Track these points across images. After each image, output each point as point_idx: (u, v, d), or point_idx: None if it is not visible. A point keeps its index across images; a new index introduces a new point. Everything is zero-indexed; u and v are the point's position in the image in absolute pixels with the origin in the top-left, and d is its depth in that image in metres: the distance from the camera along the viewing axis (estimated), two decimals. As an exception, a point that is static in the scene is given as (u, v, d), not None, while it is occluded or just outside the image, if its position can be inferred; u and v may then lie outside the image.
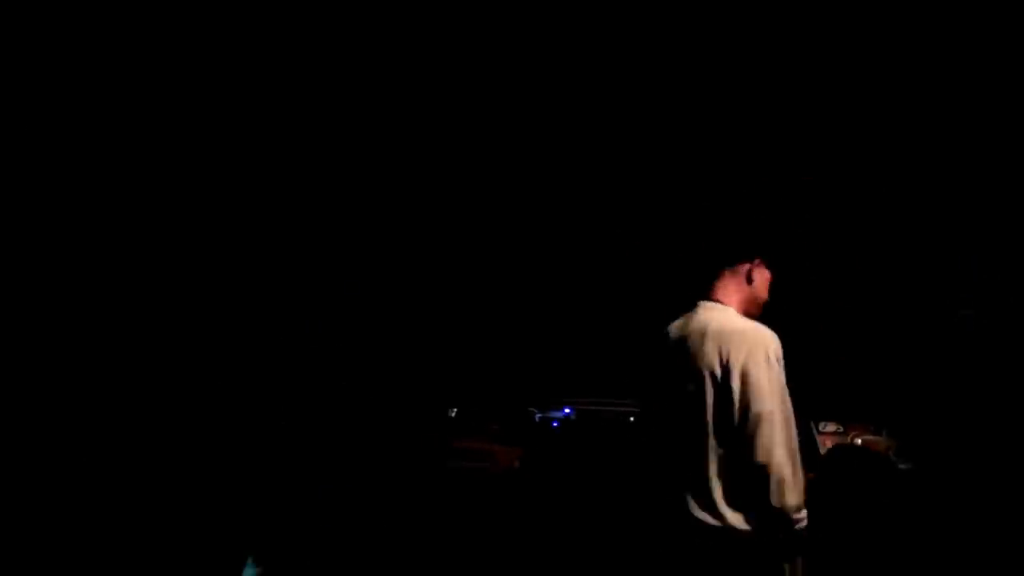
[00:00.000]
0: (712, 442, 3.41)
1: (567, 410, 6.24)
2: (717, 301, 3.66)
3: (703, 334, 3.46)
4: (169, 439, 6.06)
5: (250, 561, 4.69)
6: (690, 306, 3.56)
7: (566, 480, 5.69)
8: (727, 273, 3.69)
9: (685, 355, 3.48)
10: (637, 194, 6.39)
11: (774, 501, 3.36)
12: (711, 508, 3.37)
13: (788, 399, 3.46)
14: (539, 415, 6.22)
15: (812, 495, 3.50)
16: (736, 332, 3.49)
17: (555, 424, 6.15)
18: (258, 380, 6.30)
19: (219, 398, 6.24)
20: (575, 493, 5.56)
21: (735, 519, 3.36)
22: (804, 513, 3.39)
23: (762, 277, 3.82)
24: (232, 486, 5.86)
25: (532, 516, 5.71)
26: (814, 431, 5.45)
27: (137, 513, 5.62)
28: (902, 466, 5.78)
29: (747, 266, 3.77)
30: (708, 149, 6.29)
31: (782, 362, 3.52)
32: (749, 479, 3.34)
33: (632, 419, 6.05)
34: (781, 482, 3.41)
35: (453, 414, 6.23)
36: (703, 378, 3.40)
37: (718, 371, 3.39)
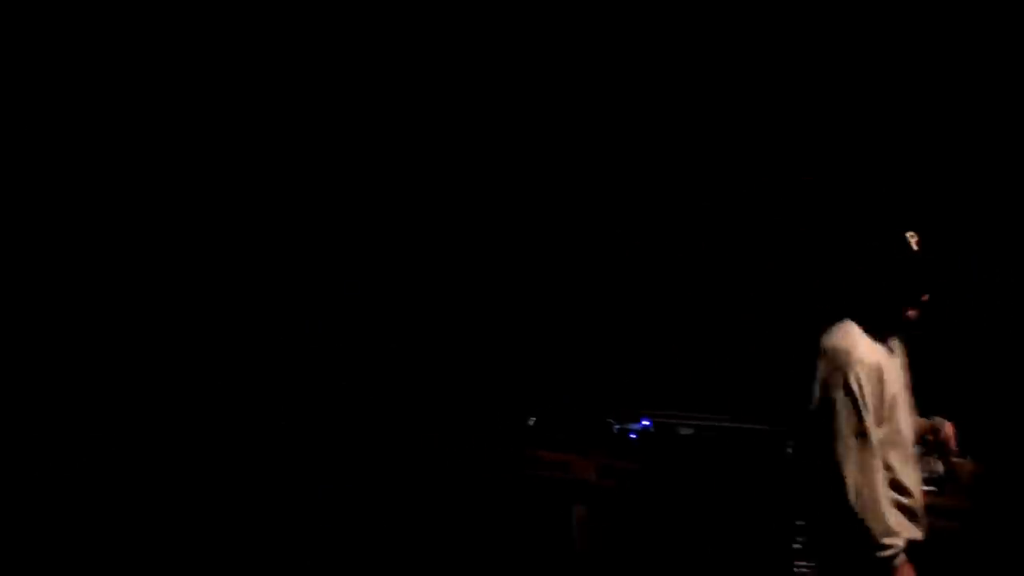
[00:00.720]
0: None
1: (645, 422, 6.21)
2: None
3: None
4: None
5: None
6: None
7: (652, 495, 5.67)
8: None
9: None
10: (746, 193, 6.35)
11: None
12: None
13: None
14: (617, 426, 6.18)
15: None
16: None
17: (633, 436, 6.12)
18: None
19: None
20: (666, 510, 5.54)
21: None
22: None
23: None
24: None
25: (613, 530, 5.70)
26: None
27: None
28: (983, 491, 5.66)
29: None
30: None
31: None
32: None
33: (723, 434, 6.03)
34: None
35: (531, 423, 6.23)
36: None
37: None
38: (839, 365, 3.84)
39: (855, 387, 3.80)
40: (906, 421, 4.08)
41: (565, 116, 6.59)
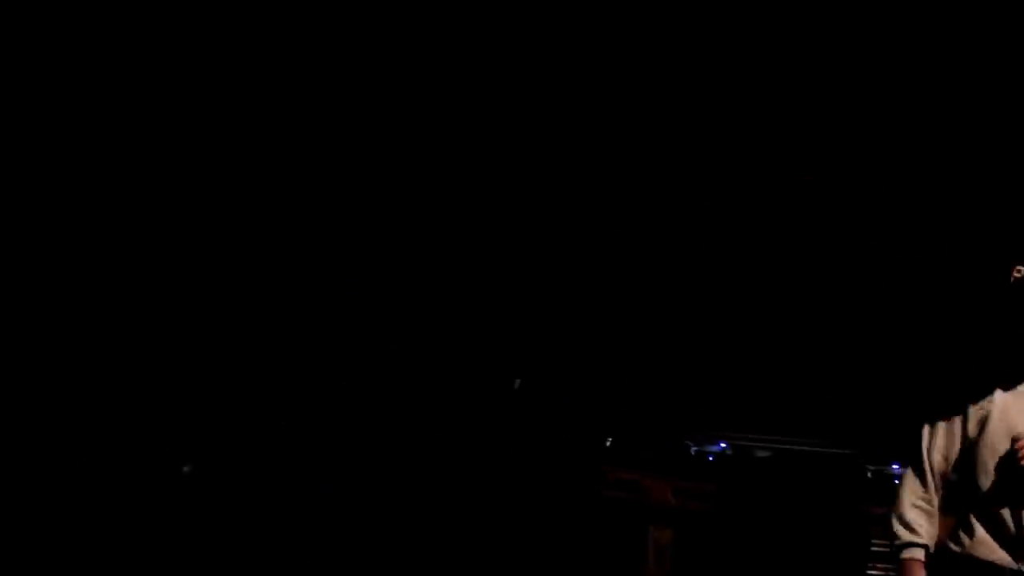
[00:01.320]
0: None
1: (722, 444, 6.18)
2: None
3: None
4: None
5: None
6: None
7: (729, 517, 5.63)
8: None
9: None
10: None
11: None
12: None
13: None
14: (695, 448, 6.16)
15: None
16: None
17: (711, 458, 6.09)
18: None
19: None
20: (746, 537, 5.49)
21: None
22: None
23: None
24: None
25: (689, 552, 5.68)
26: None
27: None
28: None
29: None
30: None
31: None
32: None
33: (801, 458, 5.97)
34: None
35: (608, 443, 6.22)
36: None
37: None
38: None
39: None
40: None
41: (615, 128, 6.58)
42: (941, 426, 3.83)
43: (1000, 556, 3.87)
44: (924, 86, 6.04)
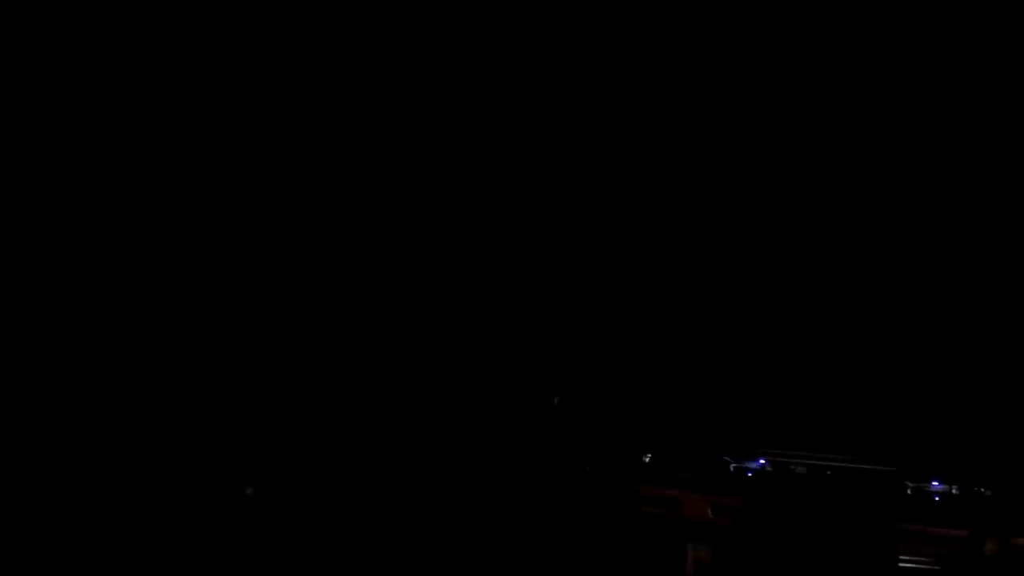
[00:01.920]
0: None
1: (761, 460, 6.17)
2: None
3: None
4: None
5: None
6: None
7: (767, 533, 5.63)
8: None
9: None
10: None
11: None
12: None
13: None
14: (734, 464, 6.14)
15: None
16: None
17: (750, 475, 6.07)
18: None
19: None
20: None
21: None
22: None
23: None
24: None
25: (727, 568, 5.66)
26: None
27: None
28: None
29: None
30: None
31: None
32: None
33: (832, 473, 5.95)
34: None
35: (647, 459, 6.22)
36: None
37: None
38: None
39: None
40: None
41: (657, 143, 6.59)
42: None
43: None
44: (920, 88, 6.00)
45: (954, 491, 5.59)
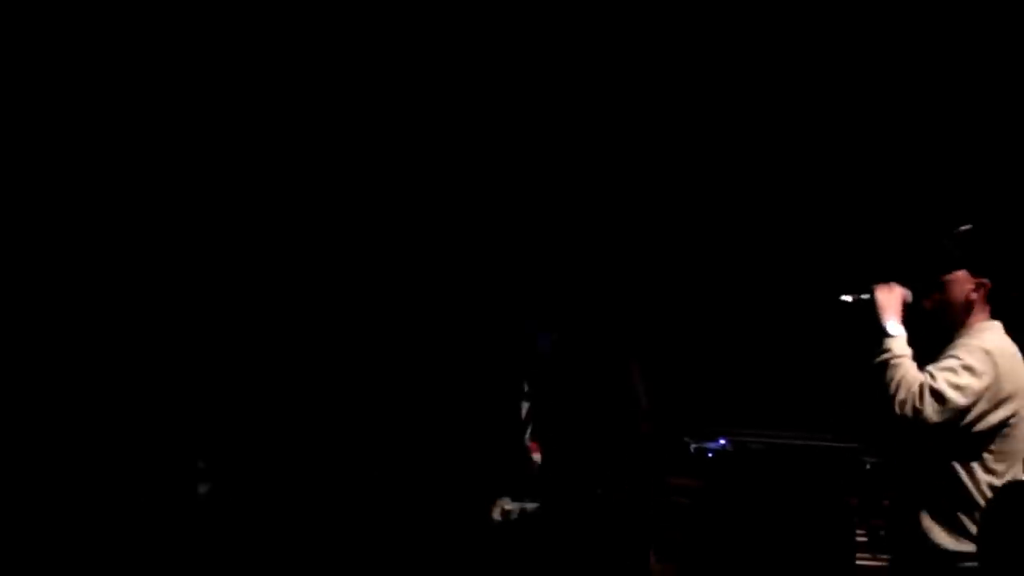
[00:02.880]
0: None
1: (722, 441, 6.19)
2: None
3: None
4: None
5: None
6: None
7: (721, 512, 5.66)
8: None
9: None
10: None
11: None
12: None
13: None
14: (694, 445, 6.17)
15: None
16: None
17: (710, 455, 6.10)
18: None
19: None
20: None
21: None
22: None
23: None
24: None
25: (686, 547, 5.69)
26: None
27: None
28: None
29: None
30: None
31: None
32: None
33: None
34: None
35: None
36: None
37: None
38: None
39: None
40: None
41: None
42: None
43: None
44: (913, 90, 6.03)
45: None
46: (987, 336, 3.92)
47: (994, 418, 3.77)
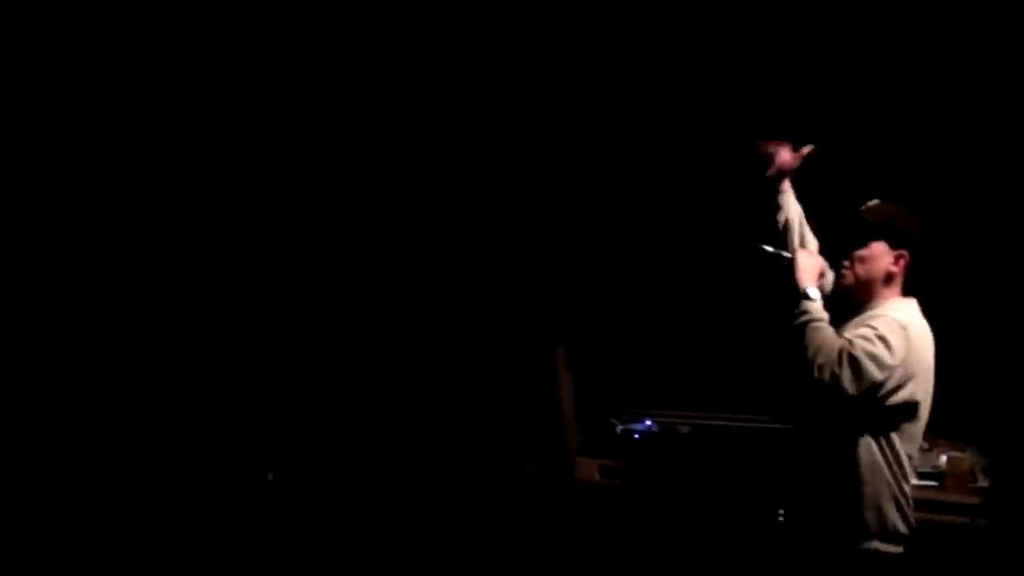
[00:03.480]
0: None
1: (647, 422, 6.20)
2: None
3: None
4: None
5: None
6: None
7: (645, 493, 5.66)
8: None
9: None
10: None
11: None
12: None
13: None
14: (620, 427, 6.16)
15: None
16: None
17: (636, 436, 6.10)
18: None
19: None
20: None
21: None
22: None
23: None
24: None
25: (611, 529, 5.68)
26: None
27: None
28: (984, 484, 5.58)
29: None
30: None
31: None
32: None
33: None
34: None
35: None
36: None
37: None
38: None
39: None
40: None
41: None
42: None
43: None
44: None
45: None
46: (905, 312, 3.88)
47: (901, 396, 3.71)
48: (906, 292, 3.98)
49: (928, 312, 3.96)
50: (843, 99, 6.07)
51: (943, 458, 5.57)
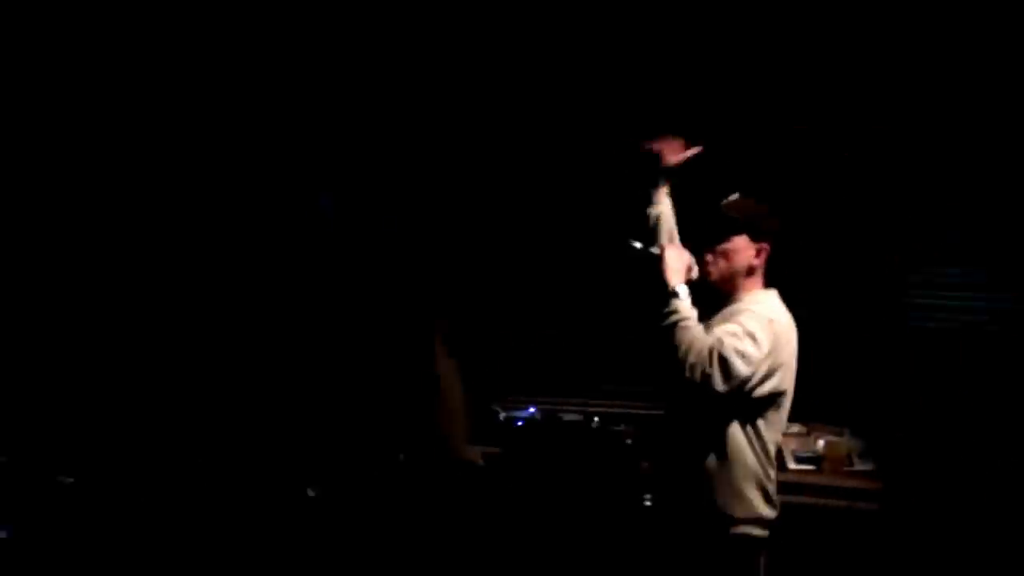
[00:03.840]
0: None
1: (531, 409, 6.19)
2: None
3: None
4: (161, 440, 6.01)
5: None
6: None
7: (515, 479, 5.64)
8: None
9: None
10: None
11: None
12: None
13: None
14: (503, 414, 6.15)
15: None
16: None
17: (519, 423, 6.08)
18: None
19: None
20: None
21: None
22: None
23: None
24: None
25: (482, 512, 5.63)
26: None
27: (131, 514, 5.52)
28: (861, 467, 5.64)
29: None
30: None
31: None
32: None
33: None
34: None
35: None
36: None
37: None
38: None
39: None
40: None
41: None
42: None
43: None
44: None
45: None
46: (768, 304, 3.93)
47: (768, 387, 3.75)
48: (767, 283, 4.03)
49: (790, 301, 4.02)
50: (703, 95, 6.14)
51: (820, 443, 5.62)
